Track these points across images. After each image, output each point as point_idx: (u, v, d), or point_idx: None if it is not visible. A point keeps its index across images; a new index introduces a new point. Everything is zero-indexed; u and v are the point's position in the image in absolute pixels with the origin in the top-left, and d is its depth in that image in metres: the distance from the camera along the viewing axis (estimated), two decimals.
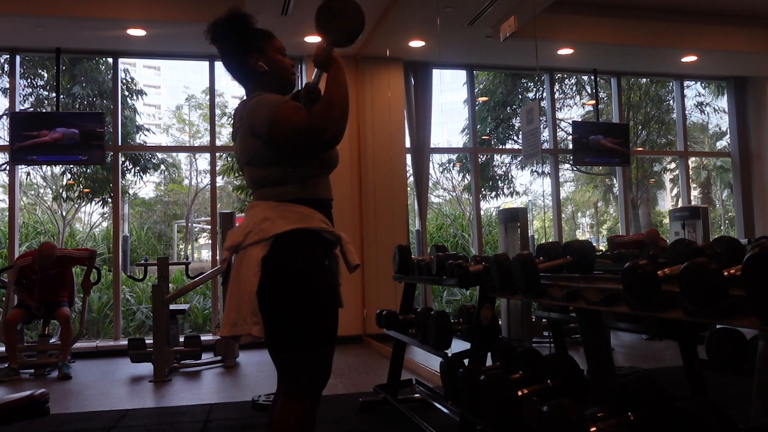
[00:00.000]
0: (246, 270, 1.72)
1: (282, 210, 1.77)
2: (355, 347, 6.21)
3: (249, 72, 1.88)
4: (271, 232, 1.73)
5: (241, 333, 1.72)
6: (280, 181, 1.80)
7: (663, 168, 13.18)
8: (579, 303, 1.91)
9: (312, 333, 1.73)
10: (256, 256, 1.72)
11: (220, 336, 1.88)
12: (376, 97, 6.68)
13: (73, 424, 3.61)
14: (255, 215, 1.78)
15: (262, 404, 3.81)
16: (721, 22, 6.78)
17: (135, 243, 11.70)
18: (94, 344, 6.40)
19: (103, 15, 5.71)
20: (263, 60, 1.88)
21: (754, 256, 1.22)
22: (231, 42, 1.88)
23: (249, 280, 1.71)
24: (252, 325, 1.71)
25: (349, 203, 6.60)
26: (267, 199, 1.81)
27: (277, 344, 1.76)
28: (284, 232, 1.73)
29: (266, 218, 1.76)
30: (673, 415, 1.47)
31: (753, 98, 8.10)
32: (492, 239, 9.86)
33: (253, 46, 1.88)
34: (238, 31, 1.87)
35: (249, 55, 1.87)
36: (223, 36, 1.88)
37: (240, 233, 1.77)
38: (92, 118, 6.60)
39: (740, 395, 1.87)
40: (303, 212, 1.78)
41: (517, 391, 2.06)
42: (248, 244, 1.74)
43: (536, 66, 7.33)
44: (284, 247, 1.73)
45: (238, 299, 1.72)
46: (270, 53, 1.90)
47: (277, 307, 1.72)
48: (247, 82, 1.91)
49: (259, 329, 1.71)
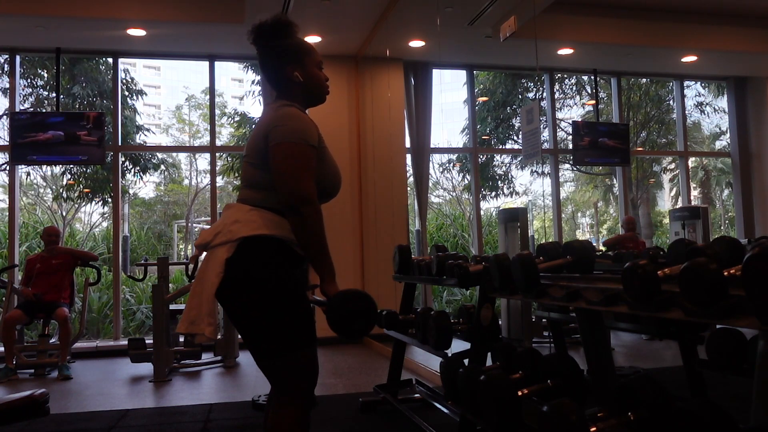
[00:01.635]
0: (210, 270, 1.73)
1: (253, 214, 1.77)
2: (355, 347, 6.21)
3: (284, 79, 1.89)
4: (238, 234, 1.74)
5: (197, 332, 1.73)
6: (264, 186, 1.80)
7: (663, 168, 13.18)
8: (579, 303, 1.91)
9: (282, 338, 1.72)
10: (221, 257, 1.72)
11: (177, 331, 1.89)
12: (376, 97, 6.68)
13: (73, 424, 3.61)
14: (228, 216, 1.80)
15: (261, 404, 3.81)
16: (721, 22, 6.78)
17: (135, 243, 11.70)
18: (94, 344, 6.40)
19: (103, 15, 5.72)
20: (300, 71, 1.88)
21: (754, 256, 1.22)
22: (273, 47, 1.88)
23: (211, 281, 1.71)
24: (207, 325, 1.71)
25: (349, 203, 6.60)
26: (244, 200, 1.83)
27: (252, 352, 1.77)
28: (250, 236, 1.74)
29: (236, 220, 1.77)
30: (673, 415, 1.47)
31: (753, 98, 8.10)
32: (492, 239, 9.86)
33: (294, 57, 1.88)
34: (281, 36, 1.88)
35: (288, 63, 1.88)
36: (266, 39, 1.88)
37: (211, 233, 1.79)
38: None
39: (740, 395, 1.87)
40: (274, 220, 1.77)
41: (517, 391, 2.06)
42: (216, 244, 1.75)
43: (536, 66, 7.33)
44: (248, 251, 1.73)
45: (199, 298, 1.73)
46: (308, 66, 1.91)
47: (242, 314, 1.73)
48: (279, 88, 1.91)
49: (211, 330, 1.72)
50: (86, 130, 6.33)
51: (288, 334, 1.72)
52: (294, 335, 1.73)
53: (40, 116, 6.65)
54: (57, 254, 5.60)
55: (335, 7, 5.48)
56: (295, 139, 1.75)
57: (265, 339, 1.73)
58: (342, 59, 6.66)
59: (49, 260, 5.53)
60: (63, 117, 6.43)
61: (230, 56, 7.35)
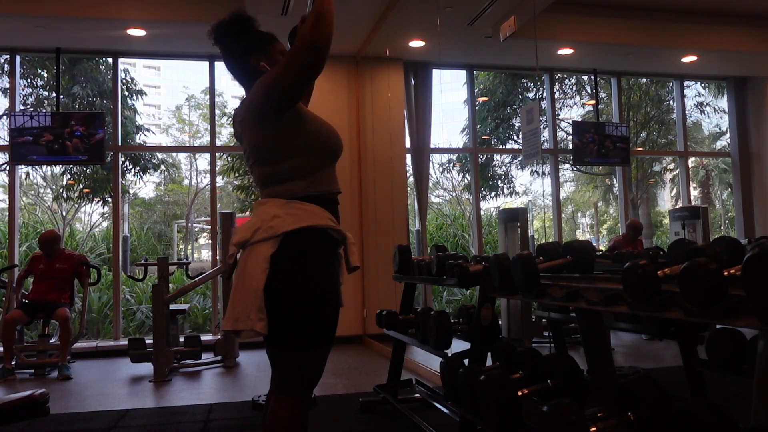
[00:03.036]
0: (253, 266, 1.72)
1: (291, 207, 1.77)
2: (355, 347, 6.21)
3: (250, 72, 1.89)
4: (280, 229, 1.73)
5: (244, 328, 1.72)
6: (287, 178, 1.80)
7: (663, 168, 13.18)
8: (579, 303, 1.91)
9: (313, 333, 1.74)
10: (265, 252, 1.72)
11: (223, 330, 1.88)
12: (376, 97, 6.68)
13: (73, 424, 3.61)
14: (264, 212, 1.79)
15: (261, 404, 3.80)
16: (721, 22, 6.78)
17: (135, 243, 11.71)
18: (94, 344, 6.40)
19: (103, 15, 5.72)
20: (265, 60, 1.89)
21: (754, 256, 1.22)
22: (233, 42, 1.89)
23: (256, 277, 1.71)
24: (256, 321, 1.71)
25: (349, 203, 6.60)
26: (275, 196, 1.82)
27: (277, 341, 1.76)
28: (294, 230, 1.74)
29: (275, 215, 1.76)
30: (673, 415, 1.47)
31: (753, 98, 8.10)
32: (492, 239, 9.86)
33: (256, 47, 1.89)
34: (240, 31, 1.89)
35: (251, 55, 1.88)
36: (225, 36, 1.89)
37: (248, 230, 1.77)
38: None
39: (740, 395, 1.87)
40: (311, 210, 1.78)
41: (517, 391, 2.06)
42: (256, 240, 1.75)
43: (536, 66, 7.33)
44: (294, 244, 1.74)
45: (244, 295, 1.72)
46: (272, 54, 1.91)
47: (282, 305, 1.72)
48: (248, 83, 1.91)
49: (263, 326, 1.71)
50: (86, 130, 6.33)
51: (314, 331, 1.74)
52: (320, 333, 1.75)
53: (40, 116, 6.63)
54: (61, 258, 5.54)
55: (335, 7, 5.47)
56: (260, 80, 1.76)
57: (292, 332, 1.73)
58: (342, 59, 6.66)
59: (52, 263, 5.49)
60: (63, 117, 6.43)
61: None
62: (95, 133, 6.37)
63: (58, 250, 5.59)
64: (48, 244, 5.52)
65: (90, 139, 6.34)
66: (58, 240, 5.65)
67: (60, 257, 5.56)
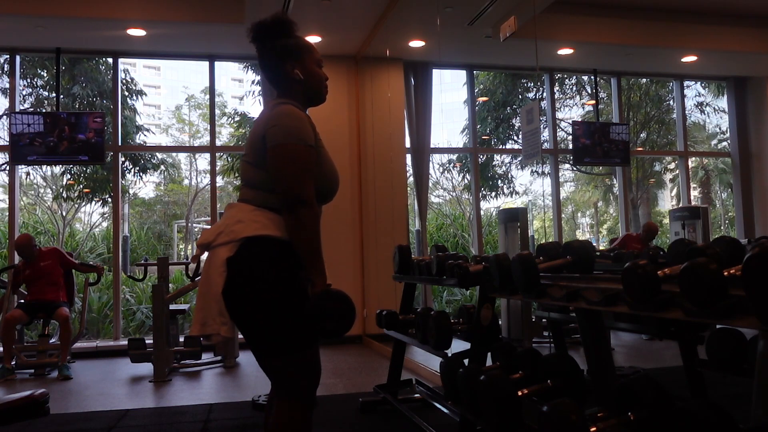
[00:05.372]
0: (213, 270, 1.73)
1: (256, 215, 1.77)
2: (355, 347, 6.21)
3: (283, 77, 1.89)
4: (241, 234, 1.74)
5: (210, 332, 1.73)
6: (264, 187, 1.80)
7: (663, 168, 13.18)
8: (579, 303, 1.91)
9: (283, 338, 1.73)
10: (222, 256, 1.72)
11: (190, 334, 1.89)
12: (376, 97, 6.67)
13: (73, 424, 3.61)
14: (230, 216, 1.80)
15: (262, 404, 3.81)
16: (721, 22, 6.77)
17: (135, 243, 11.70)
18: (94, 344, 6.40)
19: (103, 15, 5.72)
20: (299, 68, 1.88)
21: (754, 256, 1.22)
22: (272, 44, 1.89)
23: (215, 281, 1.71)
24: (220, 324, 1.72)
25: (349, 203, 6.60)
26: (246, 200, 1.83)
27: (254, 351, 1.78)
28: (254, 236, 1.73)
29: (239, 220, 1.77)
30: (673, 415, 1.47)
31: (753, 98, 8.10)
32: (492, 239, 9.86)
33: (293, 54, 1.89)
34: (279, 35, 1.89)
35: (287, 61, 1.88)
36: (265, 37, 1.88)
37: (212, 232, 1.79)
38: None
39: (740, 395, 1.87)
40: (276, 220, 1.76)
41: (517, 391, 2.06)
42: (218, 244, 1.75)
43: (536, 66, 7.33)
44: (250, 250, 1.73)
45: (206, 298, 1.73)
46: (308, 63, 1.91)
47: (245, 313, 1.72)
48: (279, 86, 1.91)
49: (227, 329, 1.72)
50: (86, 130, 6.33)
51: (289, 334, 1.72)
52: (295, 335, 1.73)
53: (40, 116, 6.63)
54: (41, 256, 5.49)
55: (335, 7, 5.48)
56: (293, 140, 1.74)
57: (266, 338, 1.73)
58: (342, 59, 6.65)
59: (36, 264, 5.44)
60: (63, 117, 6.43)
61: (230, 56, 7.35)
62: (95, 133, 6.37)
63: (36, 251, 5.49)
64: (27, 249, 5.41)
65: (90, 139, 6.35)
66: (32, 240, 5.54)
67: (39, 256, 5.49)
